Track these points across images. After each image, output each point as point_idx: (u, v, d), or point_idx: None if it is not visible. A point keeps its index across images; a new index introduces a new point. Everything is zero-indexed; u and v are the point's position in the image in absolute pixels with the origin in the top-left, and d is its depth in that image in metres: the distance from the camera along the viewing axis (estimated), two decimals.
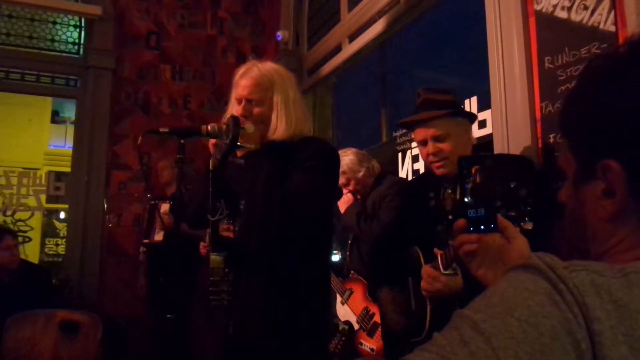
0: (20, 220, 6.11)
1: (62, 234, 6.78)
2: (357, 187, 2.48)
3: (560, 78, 1.78)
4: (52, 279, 3.57)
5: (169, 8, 4.59)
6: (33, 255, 6.22)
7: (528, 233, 0.84)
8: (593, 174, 0.53)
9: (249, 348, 1.57)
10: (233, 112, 1.61)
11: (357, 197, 2.50)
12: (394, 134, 3.18)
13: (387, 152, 3.22)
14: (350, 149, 2.56)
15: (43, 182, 5.41)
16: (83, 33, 4.43)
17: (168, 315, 1.84)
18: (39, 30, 4.34)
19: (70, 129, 6.03)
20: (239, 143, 1.50)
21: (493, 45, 2.07)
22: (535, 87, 1.90)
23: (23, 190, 5.09)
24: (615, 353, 0.40)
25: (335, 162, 1.71)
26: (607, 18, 1.64)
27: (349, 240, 2.63)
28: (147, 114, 4.40)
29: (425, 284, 1.49)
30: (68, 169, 4.50)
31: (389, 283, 1.86)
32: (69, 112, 6.94)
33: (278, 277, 1.56)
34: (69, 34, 4.42)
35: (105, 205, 4.16)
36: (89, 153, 4.12)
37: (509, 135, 1.97)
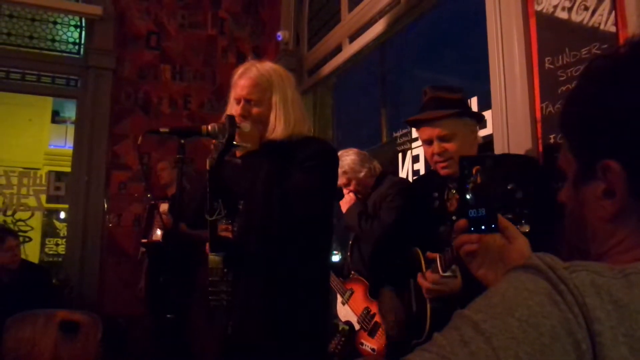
0: (21, 220, 6.11)
1: (62, 234, 6.78)
2: (358, 187, 2.48)
3: (561, 78, 1.78)
4: (52, 279, 3.57)
5: (170, 8, 4.60)
6: (33, 255, 6.22)
7: (526, 235, 0.84)
8: (593, 174, 0.53)
9: (249, 348, 1.57)
10: (232, 112, 1.61)
11: (358, 197, 2.50)
12: (394, 134, 3.18)
13: (387, 152, 3.22)
14: (352, 149, 2.56)
15: (43, 182, 5.42)
16: (83, 33, 4.43)
17: (168, 315, 1.84)
18: (40, 30, 4.34)
19: (71, 129, 6.03)
20: (236, 142, 1.50)
21: (493, 46, 2.07)
22: (536, 87, 1.90)
23: (23, 190, 5.09)
24: (616, 353, 0.40)
25: (335, 162, 1.71)
26: (607, 19, 1.64)
27: (350, 241, 2.63)
28: (147, 114, 4.40)
29: (426, 288, 1.49)
30: (68, 169, 4.50)
31: (390, 284, 1.84)
32: (70, 112, 6.94)
33: (277, 277, 1.56)
34: (70, 34, 4.42)
35: (106, 205, 4.16)
36: (89, 153, 4.12)
37: (509, 136, 1.97)
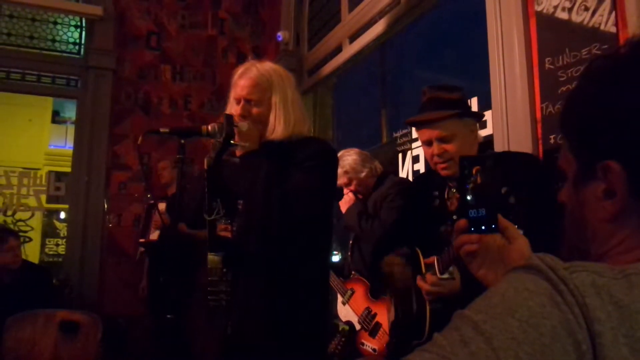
0: (21, 220, 6.11)
1: (62, 234, 6.78)
2: (358, 187, 2.48)
3: (561, 79, 1.78)
4: (52, 280, 3.57)
5: (170, 8, 4.60)
6: (33, 256, 6.22)
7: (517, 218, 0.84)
8: (593, 175, 0.53)
9: (248, 348, 1.57)
10: (232, 112, 1.61)
11: (358, 197, 2.50)
12: (395, 135, 3.18)
13: (387, 152, 3.22)
14: (354, 149, 2.56)
15: (43, 182, 5.42)
16: (84, 33, 4.43)
17: (168, 316, 1.84)
18: (40, 31, 4.34)
19: (71, 129, 6.03)
20: (234, 141, 1.49)
21: (494, 46, 2.07)
22: (536, 87, 1.90)
23: (23, 190, 5.09)
24: (616, 354, 0.40)
25: (334, 162, 1.71)
26: (607, 19, 1.64)
27: (350, 241, 2.63)
28: (147, 114, 4.40)
29: (425, 290, 1.49)
30: (68, 169, 4.50)
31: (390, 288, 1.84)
32: (70, 112, 6.94)
33: (277, 277, 1.55)
34: (70, 34, 4.42)
35: (106, 206, 4.17)
36: (90, 153, 4.12)
37: (510, 136, 1.97)
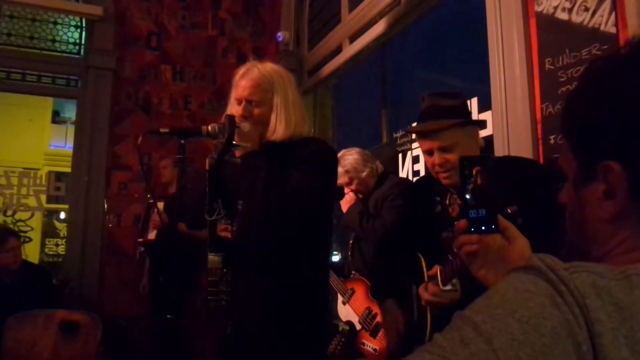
0: (21, 221, 6.11)
1: (62, 234, 6.78)
2: (359, 187, 2.48)
3: (561, 79, 1.78)
4: (52, 280, 3.57)
5: (170, 9, 4.60)
6: (33, 256, 6.21)
7: (527, 235, 0.84)
8: (594, 175, 0.53)
9: (248, 348, 1.57)
10: (233, 112, 1.61)
11: (358, 196, 2.50)
12: (395, 135, 3.19)
13: (387, 152, 3.22)
14: (355, 149, 2.56)
15: (43, 182, 5.40)
16: (84, 33, 4.43)
17: (168, 316, 1.84)
18: (40, 31, 4.34)
19: (71, 129, 6.03)
20: (235, 142, 1.50)
21: (494, 47, 2.07)
22: (536, 88, 1.90)
23: (23, 191, 5.08)
24: (616, 355, 0.40)
25: (334, 162, 1.71)
26: (607, 19, 1.64)
27: (350, 240, 2.63)
28: (147, 115, 4.40)
29: (425, 299, 1.48)
30: (68, 169, 4.50)
31: (392, 289, 1.82)
32: (70, 112, 6.94)
33: (277, 277, 1.55)
34: (70, 34, 4.42)
35: (106, 206, 4.16)
36: (90, 153, 4.12)
37: (510, 136, 1.97)
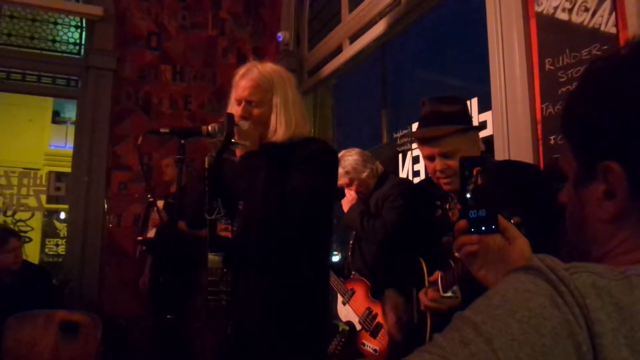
0: (21, 221, 6.11)
1: (62, 235, 6.78)
2: (360, 187, 2.48)
3: (561, 80, 1.78)
4: (52, 280, 3.57)
5: (170, 9, 4.60)
6: (33, 256, 6.21)
7: (528, 239, 0.83)
8: (594, 175, 0.53)
9: (248, 348, 1.57)
10: (233, 112, 1.61)
11: (359, 197, 2.49)
12: (395, 135, 3.19)
13: (387, 153, 3.22)
14: (355, 149, 2.56)
15: (43, 182, 5.40)
16: (84, 33, 4.43)
17: (168, 316, 1.84)
18: (40, 31, 4.34)
19: (71, 130, 6.03)
20: (234, 140, 1.50)
21: (494, 47, 2.07)
22: (536, 88, 1.90)
23: (23, 191, 5.08)
24: (617, 355, 0.40)
25: (334, 162, 1.71)
26: (608, 20, 1.64)
27: (350, 241, 2.63)
28: (147, 115, 4.40)
29: (424, 304, 1.48)
30: (68, 170, 4.50)
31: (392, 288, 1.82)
32: (70, 112, 6.94)
33: (277, 277, 1.56)
34: (70, 35, 4.42)
35: (106, 206, 4.16)
36: (90, 153, 4.12)
37: (510, 137, 1.97)
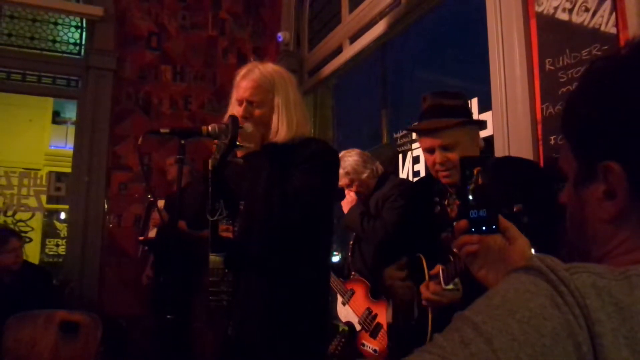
0: (21, 221, 6.10)
1: (62, 235, 6.77)
2: (360, 188, 2.48)
3: (561, 80, 1.78)
4: (52, 280, 3.57)
5: (170, 9, 4.60)
6: (33, 256, 6.21)
7: (529, 235, 0.84)
8: (594, 176, 0.53)
9: (249, 348, 1.57)
10: (234, 113, 1.61)
11: (360, 197, 2.49)
12: (395, 135, 3.19)
13: (387, 153, 3.22)
14: (355, 150, 2.56)
15: (44, 182, 5.40)
16: (84, 34, 4.43)
17: (168, 316, 1.84)
18: (41, 31, 4.34)
19: (71, 130, 6.03)
20: (238, 142, 1.50)
21: (494, 47, 2.07)
22: (536, 88, 1.90)
23: (24, 191, 5.08)
24: (617, 355, 0.40)
25: (335, 162, 1.71)
26: (608, 20, 1.64)
27: (350, 241, 2.63)
28: (147, 115, 4.40)
29: (425, 297, 1.48)
30: (69, 170, 4.50)
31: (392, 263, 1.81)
32: (70, 112, 6.94)
33: (277, 277, 1.56)
34: (70, 35, 4.43)
35: (106, 206, 4.16)
36: (90, 154, 4.12)
37: (510, 137, 1.97)
